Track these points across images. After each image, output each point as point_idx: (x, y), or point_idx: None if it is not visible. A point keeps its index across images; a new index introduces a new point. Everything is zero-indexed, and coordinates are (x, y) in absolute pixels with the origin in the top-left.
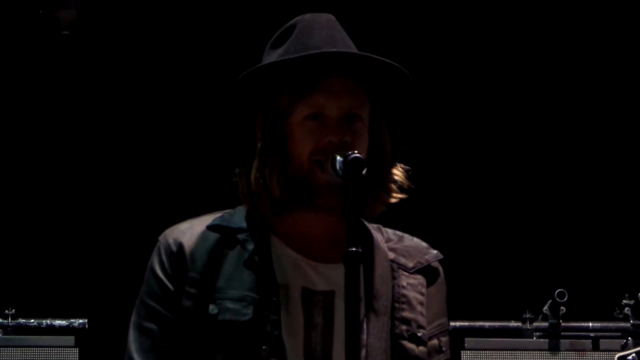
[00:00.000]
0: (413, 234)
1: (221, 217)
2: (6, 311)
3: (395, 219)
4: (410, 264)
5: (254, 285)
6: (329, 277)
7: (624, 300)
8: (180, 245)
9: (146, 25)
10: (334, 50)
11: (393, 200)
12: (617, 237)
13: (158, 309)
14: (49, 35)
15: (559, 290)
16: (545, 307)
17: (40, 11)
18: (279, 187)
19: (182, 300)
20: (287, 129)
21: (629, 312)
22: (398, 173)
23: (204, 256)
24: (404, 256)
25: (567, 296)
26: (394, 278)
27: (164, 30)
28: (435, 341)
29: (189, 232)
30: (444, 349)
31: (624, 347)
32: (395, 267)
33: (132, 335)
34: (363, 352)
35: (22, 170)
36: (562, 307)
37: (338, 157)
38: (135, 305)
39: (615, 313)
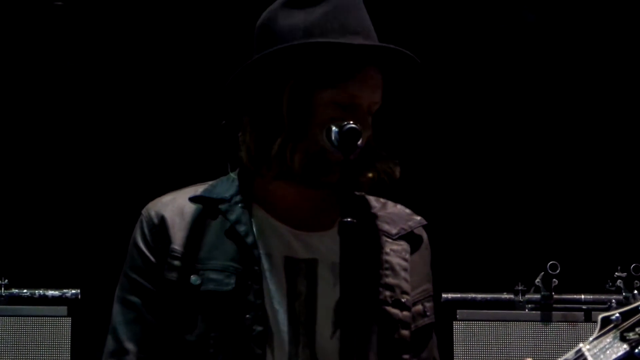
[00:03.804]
0: (406, 205)
1: (203, 188)
2: None
3: (388, 189)
4: (394, 231)
5: (236, 254)
6: (311, 245)
7: (616, 273)
8: (162, 218)
9: None
10: (384, 45)
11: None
12: (610, 210)
13: (141, 281)
14: (42, 6)
15: (551, 262)
16: (538, 279)
17: None
18: (300, 163)
19: (164, 272)
20: (313, 104)
21: (621, 285)
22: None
23: (186, 227)
24: (387, 223)
25: (559, 268)
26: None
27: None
28: (419, 306)
29: (171, 204)
30: (428, 313)
31: (607, 308)
32: (379, 233)
33: (116, 308)
34: None
35: (13, 142)
36: (554, 279)
37: (333, 128)
38: (120, 278)
39: (607, 285)
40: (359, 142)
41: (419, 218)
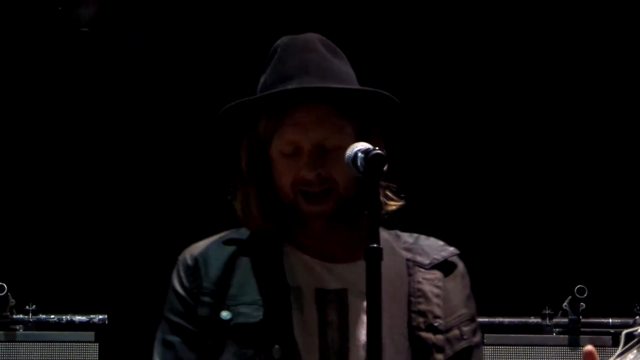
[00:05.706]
0: (432, 231)
1: (235, 231)
2: (26, 307)
3: (414, 216)
4: (427, 261)
5: (265, 289)
6: (342, 276)
7: None
8: (195, 259)
9: (164, 23)
10: (293, 87)
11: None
12: (638, 233)
13: (180, 322)
14: (68, 33)
15: (578, 286)
16: (565, 303)
17: (60, 8)
18: (260, 217)
19: (197, 308)
20: (270, 157)
21: None
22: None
23: (219, 267)
24: (420, 254)
25: (586, 292)
26: (410, 275)
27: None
28: (456, 331)
29: (205, 247)
30: (465, 337)
31: (632, 324)
32: (412, 264)
33: (157, 350)
34: None
35: (43, 166)
36: (581, 303)
37: (359, 155)
38: (160, 322)
39: (635, 309)
40: (385, 168)
41: (451, 248)
